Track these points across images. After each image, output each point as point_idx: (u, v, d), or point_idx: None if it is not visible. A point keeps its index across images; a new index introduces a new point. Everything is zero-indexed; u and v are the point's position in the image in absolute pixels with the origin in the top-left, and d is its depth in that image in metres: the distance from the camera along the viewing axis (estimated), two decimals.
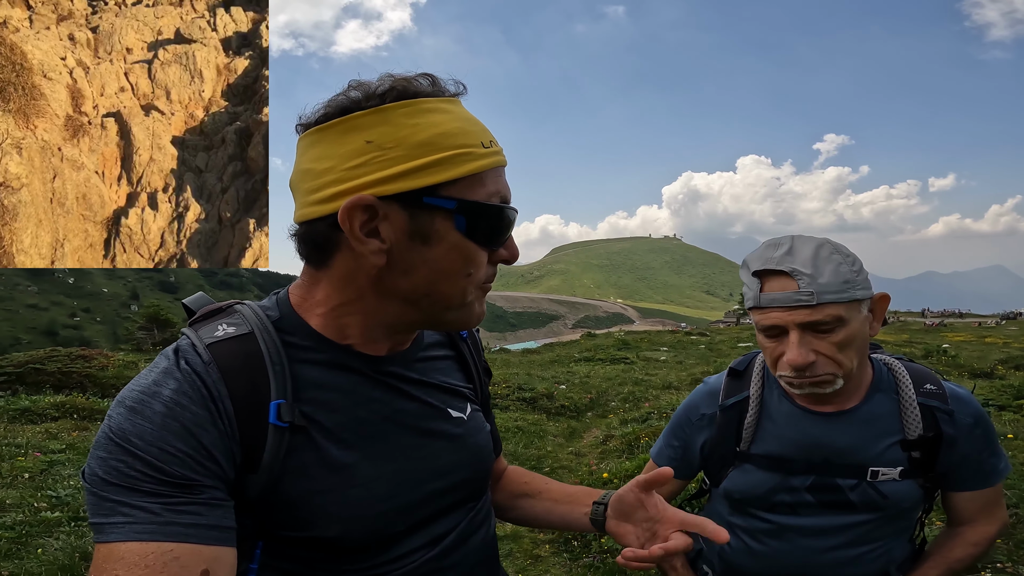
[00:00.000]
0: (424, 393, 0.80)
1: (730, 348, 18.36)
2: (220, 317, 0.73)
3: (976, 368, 11.95)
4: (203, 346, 0.68)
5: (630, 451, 5.76)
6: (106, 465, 0.61)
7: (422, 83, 0.70)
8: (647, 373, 12.01)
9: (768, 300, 1.03)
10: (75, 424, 6.67)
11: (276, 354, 0.70)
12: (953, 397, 1.10)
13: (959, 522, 1.18)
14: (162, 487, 0.61)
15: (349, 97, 0.68)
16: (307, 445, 0.69)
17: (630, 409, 8.23)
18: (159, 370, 0.66)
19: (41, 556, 3.17)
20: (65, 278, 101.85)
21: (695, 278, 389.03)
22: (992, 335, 25.58)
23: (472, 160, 0.68)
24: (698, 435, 1.23)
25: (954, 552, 1.17)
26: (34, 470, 4.76)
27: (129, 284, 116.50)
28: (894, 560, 1.16)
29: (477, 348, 0.93)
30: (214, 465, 0.64)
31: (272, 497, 0.68)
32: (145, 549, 0.58)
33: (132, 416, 0.62)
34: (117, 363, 9.83)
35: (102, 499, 0.61)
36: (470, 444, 0.83)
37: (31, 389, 8.31)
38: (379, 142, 0.67)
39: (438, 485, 0.78)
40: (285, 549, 0.71)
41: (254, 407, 0.67)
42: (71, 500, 4.05)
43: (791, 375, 1.05)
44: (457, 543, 0.80)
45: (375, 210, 0.67)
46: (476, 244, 0.70)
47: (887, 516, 1.11)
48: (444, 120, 0.68)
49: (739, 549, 1.21)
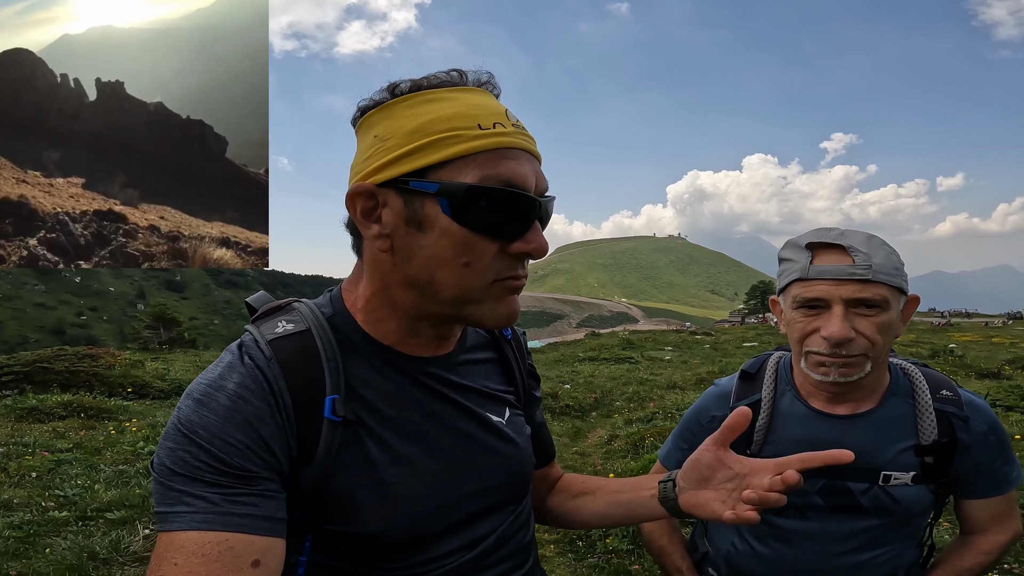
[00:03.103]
0: (464, 396, 0.80)
1: (735, 348, 18.31)
2: (280, 315, 0.75)
3: (983, 368, 11.87)
4: (264, 342, 0.70)
5: (635, 451, 5.75)
6: (174, 455, 0.63)
7: (441, 76, 0.71)
8: (652, 373, 11.99)
9: (818, 272, 1.02)
10: (82, 423, 6.71)
11: (331, 350, 0.72)
12: (968, 404, 1.10)
13: (971, 530, 1.17)
14: (223, 478, 0.63)
15: (372, 98, 0.72)
16: (355, 441, 0.71)
17: (635, 409, 8.22)
18: (224, 364, 0.69)
19: (49, 556, 3.19)
20: (72, 277, 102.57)
21: (700, 277, 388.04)
22: (999, 335, 25.42)
23: (461, 142, 0.66)
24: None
25: (964, 560, 1.16)
26: (41, 469, 4.79)
27: (136, 283, 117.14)
28: (902, 565, 1.15)
29: (521, 351, 0.92)
30: (271, 458, 0.66)
31: (322, 491, 0.70)
32: (203, 538, 0.60)
33: (199, 408, 0.65)
34: (124, 362, 9.88)
35: (168, 488, 0.63)
36: (509, 448, 0.83)
37: (39, 388, 8.36)
38: (381, 135, 0.69)
39: (476, 487, 0.78)
40: (330, 544, 0.73)
41: (310, 402, 0.69)
42: (79, 499, 4.07)
43: (825, 351, 1.03)
44: (496, 546, 0.80)
45: (375, 197, 0.69)
46: (472, 231, 0.67)
47: (897, 521, 1.10)
48: (442, 107, 0.68)
49: (745, 553, 1.21)
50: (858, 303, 1.01)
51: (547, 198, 0.72)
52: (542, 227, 0.71)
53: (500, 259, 0.69)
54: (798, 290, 1.05)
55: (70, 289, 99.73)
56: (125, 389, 8.85)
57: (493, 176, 0.67)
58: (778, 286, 1.14)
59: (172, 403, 8.65)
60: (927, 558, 1.22)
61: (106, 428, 6.57)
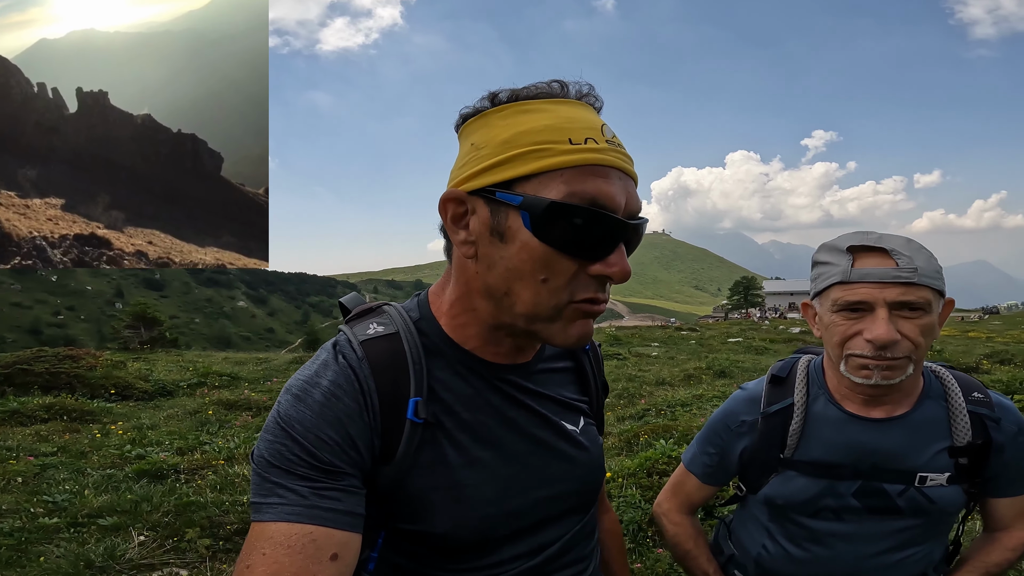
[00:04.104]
0: (540, 404, 0.81)
1: (720, 344, 18.50)
2: (371, 317, 0.78)
3: (962, 363, 12.12)
4: (357, 343, 0.73)
5: (629, 448, 5.77)
6: (272, 448, 0.66)
7: (541, 87, 0.71)
8: (640, 369, 12.06)
9: (861, 275, 1.02)
10: (66, 426, 6.56)
11: (416, 354, 0.74)
12: (999, 405, 1.12)
13: (997, 527, 1.19)
14: (312, 472, 0.65)
15: (473, 107, 0.73)
16: (432, 442, 0.73)
17: (626, 406, 8.26)
18: (320, 362, 0.72)
19: (43, 564, 3.11)
20: (48, 276, 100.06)
21: (684, 273, 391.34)
22: (975, 330, 26.01)
23: (549, 156, 0.66)
24: (737, 442, 1.23)
25: (991, 556, 1.18)
26: (27, 474, 4.67)
27: (113, 281, 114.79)
28: (933, 562, 1.17)
29: (598, 363, 0.93)
30: (356, 455, 0.68)
31: (398, 490, 0.72)
32: (291, 530, 0.62)
33: (297, 403, 0.67)
34: (105, 363, 9.67)
35: (264, 479, 0.65)
36: (582, 457, 0.84)
37: (19, 390, 8.16)
38: (478, 143, 0.70)
39: (545, 494, 0.79)
40: (400, 542, 0.74)
41: (395, 402, 0.71)
42: (68, 505, 3.98)
43: (869, 354, 1.02)
44: (560, 553, 0.80)
45: (465, 203, 0.70)
46: (552, 248, 0.66)
47: (932, 521, 1.12)
48: (536, 118, 0.68)
49: (778, 555, 1.21)
50: (902, 306, 1.01)
51: (638, 221, 0.69)
52: (629, 251, 0.70)
53: (578, 279, 0.68)
54: (839, 293, 1.05)
55: (46, 288, 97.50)
56: (107, 390, 8.67)
57: (579, 193, 0.65)
58: (813, 290, 1.14)
59: (156, 404, 8.50)
60: (953, 554, 1.24)
61: (90, 431, 6.43)
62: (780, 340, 18.49)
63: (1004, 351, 13.71)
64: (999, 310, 68.64)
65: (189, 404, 8.23)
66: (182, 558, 3.32)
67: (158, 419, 7.34)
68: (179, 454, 5.41)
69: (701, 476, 1.31)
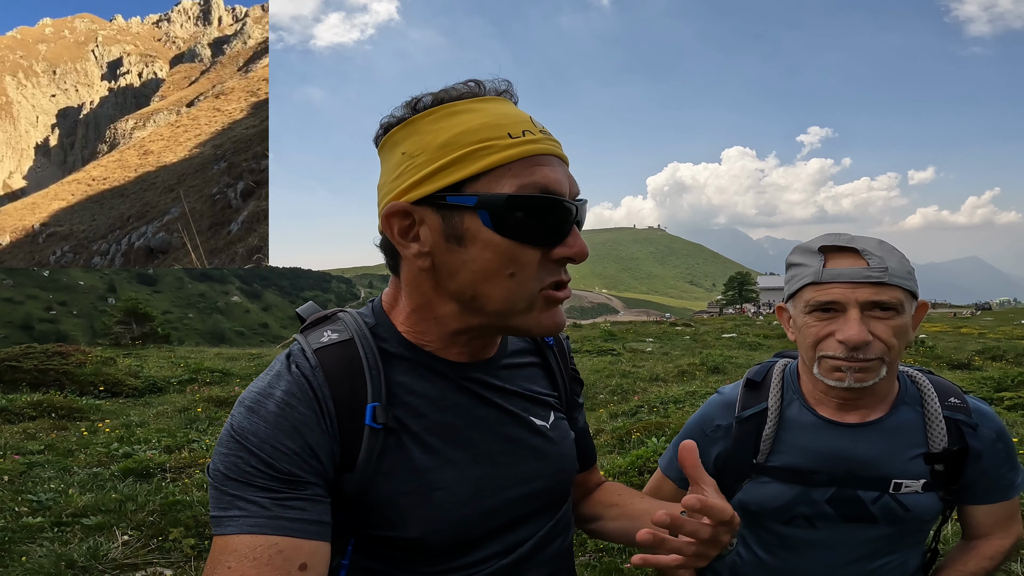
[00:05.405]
0: (507, 400, 0.80)
1: (714, 339, 18.53)
2: (326, 324, 0.77)
3: (954, 359, 12.19)
4: (311, 351, 0.72)
5: (621, 446, 5.77)
6: (227, 460, 0.65)
7: (460, 88, 0.70)
8: (634, 365, 12.07)
9: (832, 275, 1.01)
10: (53, 424, 6.52)
11: (372, 359, 0.73)
12: (976, 411, 1.10)
13: (975, 535, 1.18)
14: (272, 482, 0.65)
15: (394, 115, 0.72)
16: (397, 447, 0.72)
17: (619, 402, 8.26)
18: (273, 373, 0.71)
19: (25, 564, 3.08)
20: (40, 271, 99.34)
21: (679, 268, 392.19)
22: (967, 326, 26.16)
23: (493, 152, 0.67)
24: (712, 447, 1.21)
25: (969, 565, 1.17)
26: (13, 472, 4.63)
27: (106, 276, 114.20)
28: (909, 570, 1.15)
29: (564, 356, 0.92)
30: (317, 463, 0.67)
31: (364, 496, 0.71)
32: (255, 542, 0.62)
33: (250, 415, 0.67)
34: (95, 359, 9.61)
35: (222, 493, 0.65)
36: (553, 452, 0.83)
37: (7, 387, 8.11)
38: (410, 151, 0.69)
39: (519, 492, 0.78)
40: (372, 548, 0.74)
41: (352, 409, 0.70)
42: (53, 504, 3.95)
43: (841, 355, 1.01)
44: (534, 551, 0.80)
45: (411, 215, 0.69)
46: (515, 241, 0.67)
47: (907, 528, 1.10)
48: (469, 119, 0.68)
49: (751, 562, 1.20)
50: (873, 306, 1.00)
51: (580, 201, 0.72)
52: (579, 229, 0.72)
53: (543, 266, 0.70)
54: (811, 294, 1.04)
55: (38, 283, 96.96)
56: (97, 387, 8.62)
57: (530, 184, 0.67)
58: (787, 292, 1.13)
59: (146, 401, 8.45)
60: (930, 562, 1.22)
61: (78, 429, 6.39)
62: (774, 336, 18.54)
63: (996, 347, 13.79)
64: (991, 306, 69.16)
65: (179, 401, 8.19)
66: (167, 558, 3.30)
67: (147, 416, 7.29)
68: (166, 452, 5.38)
69: (677, 481, 1.29)
